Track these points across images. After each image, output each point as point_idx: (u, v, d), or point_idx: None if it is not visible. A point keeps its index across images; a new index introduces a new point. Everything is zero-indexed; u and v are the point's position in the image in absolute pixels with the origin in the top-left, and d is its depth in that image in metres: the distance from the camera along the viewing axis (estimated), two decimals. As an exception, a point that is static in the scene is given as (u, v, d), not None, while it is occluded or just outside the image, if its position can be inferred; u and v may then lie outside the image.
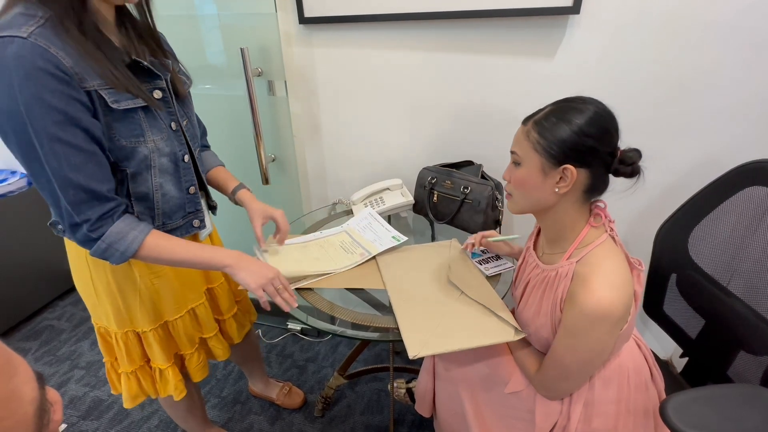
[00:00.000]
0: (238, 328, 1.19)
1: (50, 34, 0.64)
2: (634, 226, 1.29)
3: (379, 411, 1.47)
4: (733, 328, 0.86)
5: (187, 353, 1.05)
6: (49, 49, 0.62)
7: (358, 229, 1.21)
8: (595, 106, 0.69)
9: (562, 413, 0.81)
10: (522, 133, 0.73)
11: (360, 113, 1.39)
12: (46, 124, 0.64)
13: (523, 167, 0.73)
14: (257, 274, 0.84)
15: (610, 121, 0.69)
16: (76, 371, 1.69)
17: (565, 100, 0.72)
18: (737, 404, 0.70)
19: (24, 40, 0.61)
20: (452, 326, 0.84)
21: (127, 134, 0.74)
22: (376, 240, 1.15)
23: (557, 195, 0.72)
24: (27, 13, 0.64)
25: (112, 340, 0.98)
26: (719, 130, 1.10)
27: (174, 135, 0.83)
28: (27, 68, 0.61)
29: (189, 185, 0.89)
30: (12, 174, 1.93)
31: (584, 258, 0.72)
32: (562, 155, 0.68)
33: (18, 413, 0.27)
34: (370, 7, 1.18)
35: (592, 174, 0.70)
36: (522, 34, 1.12)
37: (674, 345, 1.03)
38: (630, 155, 0.69)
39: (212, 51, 1.41)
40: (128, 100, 0.72)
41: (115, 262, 0.77)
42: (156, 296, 0.94)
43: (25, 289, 1.93)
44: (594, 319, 0.67)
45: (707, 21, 0.99)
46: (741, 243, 0.85)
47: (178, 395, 1.05)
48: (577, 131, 0.67)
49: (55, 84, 0.63)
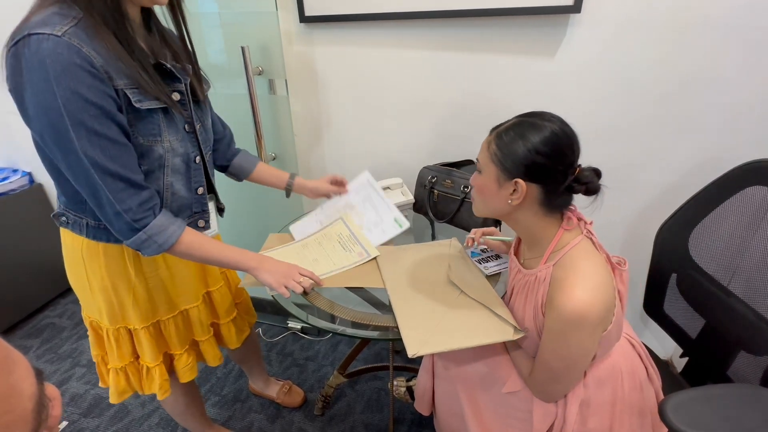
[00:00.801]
0: (237, 333, 1.19)
1: (83, 34, 0.66)
2: (635, 226, 1.29)
3: (378, 410, 1.47)
4: (734, 328, 0.86)
5: (177, 353, 1.05)
6: (83, 48, 0.65)
7: (358, 203, 1.19)
8: (553, 125, 0.70)
9: (558, 414, 0.81)
10: (485, 143, 0.76)
11: (360, 112, 1.39)
12: (84, 118, 0.66)
13: (483, 175, 0.77)
14: (277, 273, 0.90)
15: (565, 140, 0.70)
16: (78, 369, 1.69)
17: (528, 114, 0.74)
18: (737, 404, 0.70)
19: (59, 38, 0.63)
20: (452, 325, 0.84)
21: (146, 133, 0.77)
22: (379, 224, 1.14)
23: (511, 206, 0.74)
24: (61, 13, 0.66)
25: (104, 334, 0.99)
26: (720, 129, 1.10)
27: (188, 137, 0.86)
28: (64, 64, 0.63)
29: (198, 186, 0.91)
30: (14, 172, 1.93)
31: (560, 261, 0.73)
32: (515, 169, 0.71)
33: (17, 409, 0.27)
34: (370, 6, 1.18)
35: (545, 189, 0.72)
36: (523, 33, 1.12)
37: (674, 345, 1.03)
38: (586, 174, 0.71)
39: (213, 49, 1.41)
40: (151, 100, 0.75)
41: (149, 253, 0.80)
42: (149, 295, 0.94)
43: (27, 286, 1.94)
44: (572, 322, 0.68)
45: (709, 19, 0.99)
46: (742, 243, 0.85)
47: (162, 395, 1.05)
48: (530, 148, 0.69)
49: (90, 80, 0.66)
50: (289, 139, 1.49)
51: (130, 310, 0.94)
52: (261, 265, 0.90)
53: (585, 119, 1.18)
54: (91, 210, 0.80)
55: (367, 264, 1.06)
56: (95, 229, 0.84)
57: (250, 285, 1.00)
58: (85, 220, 0.83)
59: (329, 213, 1.21)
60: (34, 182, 1.97)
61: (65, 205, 0.84)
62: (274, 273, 0.90)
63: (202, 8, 1.36)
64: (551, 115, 0.73)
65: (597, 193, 0.72)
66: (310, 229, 1.18)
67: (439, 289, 0.95)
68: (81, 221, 0.83)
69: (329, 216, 1.20)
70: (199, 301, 1.05)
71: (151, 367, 1.02)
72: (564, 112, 1.17)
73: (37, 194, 1.96)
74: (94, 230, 0.84)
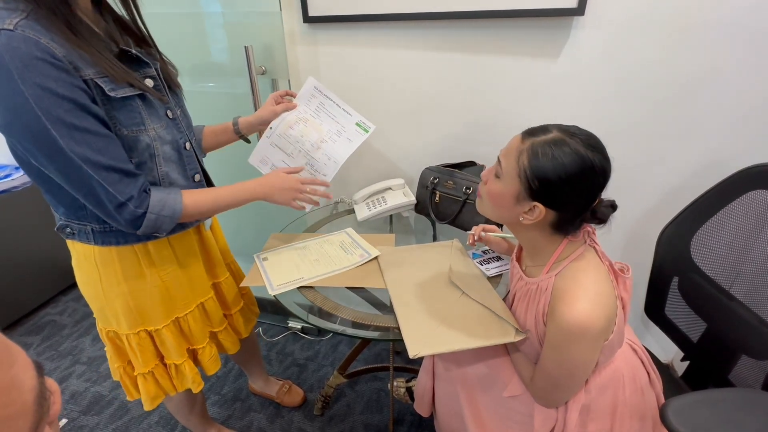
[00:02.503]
0: (245, 322, 1.19)
1: (36, 25, 0.61)
2: (637, 229, 1.29)
3: (378, 410, 1.47)
4: (735, 332, 0.86)
5: (200, 347, 1.04)
6: (41, 40, 0.60)
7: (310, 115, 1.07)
8: (594, 155, 0.65)
9: (559, 419, 0.81)
10: (516, 150, 0.70)
11: (363, 112, 1.38)
12: (60, 113, 0.63)
13: (502, 183, 0.72)
14: (284, 191, 0.93)
15: (601, 179, 0.67)
16: (78, 366, 1.69)
17: (571, 133, 0.67)
18: (738, 408, 0.69)
19: (12, 32, 0.58)
20: (453, 326, 0.84)
21: (128, 123, 0.74)
22: (342, 132, 1.06)
23: (521, 223, 0.73)
24: (7, 8, 0.61)
25: (124, 343, 0.96)
26: (723, 132, 1.09)
27: (172, 123, 0.83)
28: (24, 59, 0.59)
29: (194, 173, 0.89)
30: (16, 169, 1.93)
31: (562, 272, 0.73)
32: (539, 194, 0.68)
33: (18, 401, 0.27)
34: (374, 7, 1.18)
35: (560, 217, 0.70)
36: (526, 35, 1.12)
37: (675, 348, 1.03)
38: (603, 210, 0.69)
39: (216, 49, 1.42)
40: (125, 87, 0.71)
41: (168, 228, 0.80)
42: (166, 292, 0.93)
43: (28, 284, 1.94)
44: (574, 334, 0.67)
45: (713, 22, 0.99)
46: (744, 246, 0.85)
47: (197, 388, 1.05)
48: (564, 178, 0.65)
49: (56, 72, 0.61)
50: (291, 138, 1.49)
51: (149, 311, 0.92)
52: (268, 190, 0.92)
53: (587, 121, 1.16)
54: (93, 214, 0.78)
55: (368, 264, 1.06)
56: (102, 234, 0.82)
57: (251, 284, 1.01)
58: (89, 227, 0.81)
59: (281, 131, 1.09)
60: (36, 180, 1.97)
61: (65, 215, 0.81)
62: (281, 191, 0.92)
63: (205, 8, 1.36)
64: (596, 142, 0.67)
65: (605, 223, 0.71)
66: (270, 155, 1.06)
67: (440, 290, 0.95)
68: (86, 228, 0.81)
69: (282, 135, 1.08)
70: (212, 293, 1.04)
71: (179, 364, 1.01)
72: (567, 113, 1.19)
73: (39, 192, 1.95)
74: (102, 235, 0.82)
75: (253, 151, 1.12)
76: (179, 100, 0.90)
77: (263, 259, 1.08)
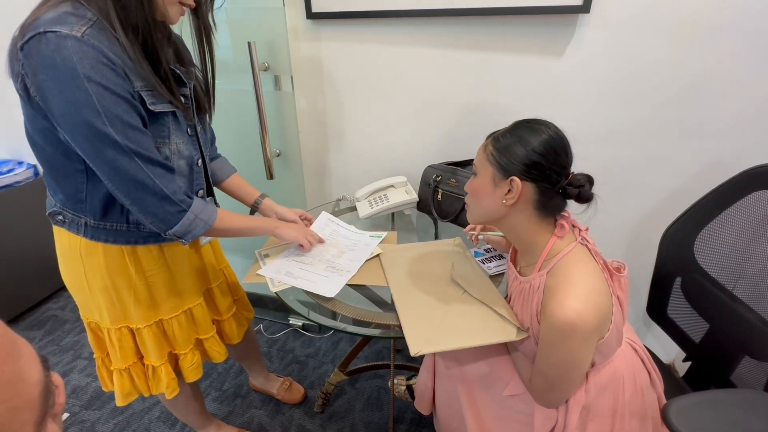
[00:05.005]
0: (237, 327, 1.19)
1: (100, 36, 0.66)
2: (640, 228, 1.28)
3: (379, 408, 1.47)
4: (738, 333, 0.86)
5: (182, 353, 1.04)
6: (104, 49, 0.65)
7: (327, 239, 1.14)
8: (549, 130, 0.73)
9: (559, 420, 0.81)
10: (481, 147, 0.79)
11: (366, 110, 1.38)
12: (118, 111, 0.68)
13: (478, 177, 0.78)
14: (297, 231, 1.04)
15: (560, 143, 0.72)
16: (79, 361, 1.70)
17: (525, 120, 0.76)
18: (740, 409, 0.69)
19: (80, 38, 0.63)
20: (454, 324, 0.84)
21: (156, 134, 0.78)
22: (358, 244, 1.13)
23: (506, 207, 0.75)
24: (76, 14, 0.65)
25: (104, 335, 0.97)
26: (728, 132, 1.09)
27: (190, 140, 0.87)
28: (92, 62, 0.64)
29: (199, 188, 0.91)
30: (19, 164, 1.94)
31: (553, 269, 0.73)
32: (511, 167, 0.72)
33: (24, 394, 0.27)
34: (377, 3, 1.17)
35: (538, 189, 0.72)
36: (531, 32, 1.12)
37: (677, 349, 1.03)
38: (578, 178, 0.72)
39: (219, 45, 1.40)
40: (164, 103, 0.76)
41: (194, 235, 0.82)
42: (151, 293, 0.93)
43: (30, 278, 1.95)
44: (564, 332, 0.67)
45: (718, 22, 0.98)
46: (747, 247, 0.84)
47: (170, 393, 1.05)
48: (527, 148, 0.71)
49: (116, 78, 0.67)
50: (293, 135, 1.49)
51: (131, 309, 0.93)
52: (282, 225, 1.02)
53: (592, 119, 1.18)
54: (91, 209, 0.80)
55: (370, 262, 1.06)
56: (94, 229, 0.83)
57: (252, 282, 1.01)
58: (83, 220, 0.82)
59: (299, 253, 1.09)
60: (38, 174, 1.98)
61: (62, 203, 0.82)
62: (294, 229, 1.03)
63: (208, 3, 1.36)
64: (547, 121, 0.75)
65: (590, 201, 0.72)
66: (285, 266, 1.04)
67: (442, 288, 0.95)
68: (79, 220, 0.82)
69: (301, 252, 1.08)
70: (202, 299, 1.04)
71: (156, 366, 1.01)
72: (571, 112, 1.18)
73: (41, 187, 1.95)
74: (93, 230, 0.83)
75: (265, 267, 1.05)
76: (202, 117, 0.93)
77: (264, 256, 1.08)
